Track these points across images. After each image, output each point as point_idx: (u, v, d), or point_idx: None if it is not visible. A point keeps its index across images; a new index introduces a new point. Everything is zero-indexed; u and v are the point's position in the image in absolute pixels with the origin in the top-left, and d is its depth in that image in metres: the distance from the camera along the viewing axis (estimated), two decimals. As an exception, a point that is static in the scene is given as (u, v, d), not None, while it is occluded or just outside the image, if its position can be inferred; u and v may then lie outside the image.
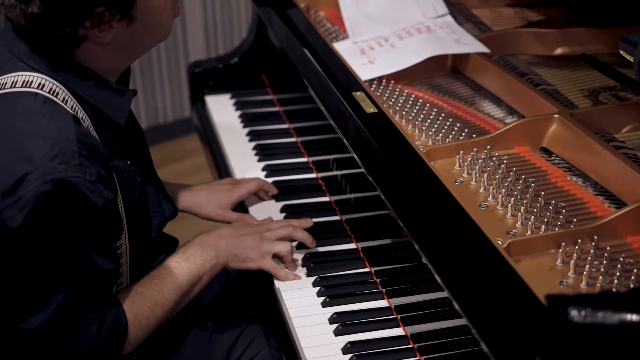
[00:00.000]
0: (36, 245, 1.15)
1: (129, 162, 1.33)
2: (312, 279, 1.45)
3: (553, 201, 1.29)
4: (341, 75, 1.63)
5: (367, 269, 1.47)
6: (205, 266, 1.38)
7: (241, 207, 1.68)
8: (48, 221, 1.15)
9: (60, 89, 1.22)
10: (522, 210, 1.27)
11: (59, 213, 1.15)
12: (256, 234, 1.44)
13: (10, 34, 1.25)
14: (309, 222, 1.52)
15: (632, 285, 1.12)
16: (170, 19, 1.29)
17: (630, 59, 1.36)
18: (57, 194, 1.14)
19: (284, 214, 1.64)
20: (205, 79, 2.17)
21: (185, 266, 1.36)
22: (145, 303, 1.29)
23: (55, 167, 1.14)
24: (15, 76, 1.21)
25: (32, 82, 1.21)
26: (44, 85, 1.21)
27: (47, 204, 1.14)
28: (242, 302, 1.59)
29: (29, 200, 1.13)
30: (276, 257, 1.45)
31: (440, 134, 1.50)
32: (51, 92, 1.21)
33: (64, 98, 1.21)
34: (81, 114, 1.23)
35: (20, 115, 1.18)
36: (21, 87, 1.20)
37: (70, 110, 1.21)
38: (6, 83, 1.21)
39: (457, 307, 1.10)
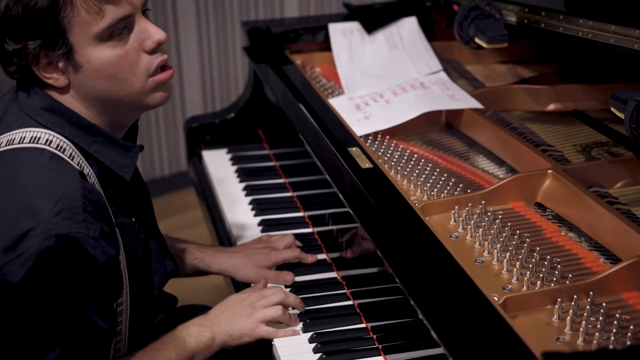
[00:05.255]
0: (35, 301, 1.15)
1: (133, 219, 1.33)
2: (309, 335, 1.44)
3: (548, 257, 1.29)
4: (337, 131, 1.65)
5: (363, 325, 1.46)
6: (200, 346, 1.37)
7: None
8: (48, 277, 1.14)
9: (67, 145, 1.23)
10: (517, 266, 1.27)
11: (60, 269, 1.15)
12: (248, 306, 1.43)
13: (21, 94, 1.27)
14: (300, 306, 1.50)
15: (629, 342, 1.12)
16: (140, 78, 1.24)
17: (621, 115, 1.38)
18: (59, 249, 1.14)
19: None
20: (202, 134, 2.19)
21: (180, 344, 1.35)
22: None
23: (59, 223, 1.14)
24: (23, 132, 1.23)
25: (39, 138, 1.22)
26: (51, 141, 1.22)
27: (49, 259, 1.13)
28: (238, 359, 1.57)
29: (31, 256, 1.13)
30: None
31: (435, 189, 1.51)
32: (58, 148, 1.22)
33: (70, 154, 1.23)
34: (87, 169, 1.24)
35: (27, 170, 1.19)
36: (29, 142, 1.21)
37: (76, 166, 1.22)
38: (14, 139, 1.22)
39: (453, 364, 1.10)
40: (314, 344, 1.41)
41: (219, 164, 2.10)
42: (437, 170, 1.58)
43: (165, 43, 1.27)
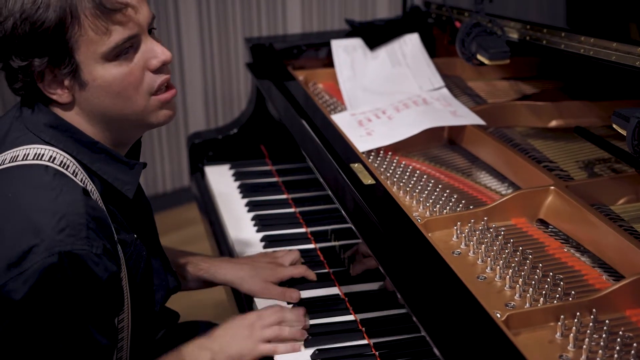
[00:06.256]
0: (37, 317, 1.15)
1: (135, 236, 1.33)
2: (311, 351, 1.43)
3: (551, 273, 1.29)
4: (339, 147, 1.65)
5: (365, 341, 1.46)
6: None
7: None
8: (51, 294, 1.14)
9: (70, 161, 1.24)
10: (520, 283, 1.27)
11: (62, 286, 1.15)
12: (247, 327, 1.43)
13: (26, 112, 1.27)
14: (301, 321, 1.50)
15: (632, 360, 1.11)
16: (143, 96, 1.25)
17: (623, 132, 1.38)
18: (62, 266, 1.14)
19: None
20: (205, 149, 2.20)
21: None
22: None
23: (62, 240, 1.14)
24: (27, 149, 1.23)
25: (43, 154, 1.22)
26: (55, 158, 1.22)
27: (52, 276, 1.14)
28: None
29: (33, 273, 1.13)
30: None
31: (438, 205, 1.51)
32: (62, 165, 1.22)
33: (74, 171, 1.23)
34: (90, 186, 1.25)
35: (31, 188, 1.19)
36: (33, 159, 1.22)
37: (80, 183, 1.22)
38: (18, 155, 1.23)
39: (456, 381, 1.09)
40: (316, 361, 1.41)
41: (221, 180, 2.10)
42: (440, 186, 1.59)
43: (170, 63, 1.28)
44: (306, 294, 1.59)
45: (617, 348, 1.12)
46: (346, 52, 2.13)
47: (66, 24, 1.17)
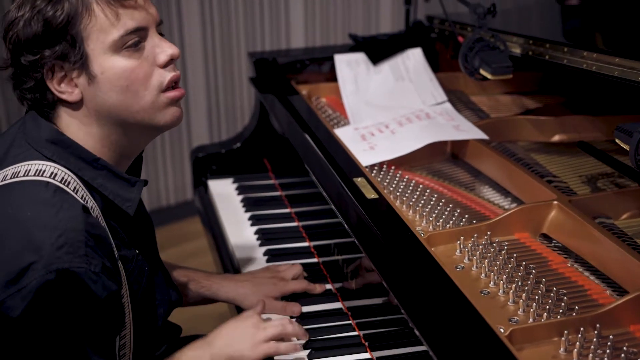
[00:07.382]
0: (34, 335, 1.14)
1: (137, 251, 1.33)
2: (313, 366, 1.43)
3: (554, 288, 1.28)
4: (342, 161, 1.65)
5: (368, 356, 1.45)
6: None
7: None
8: (48, 311, 1.14)
9: (71, 178, 1.24)
10: (523, 297, 1.27)
11: (60, 303, 1.14)
12: (251, 327, 1.43)
13: (28, 126, 1.28)
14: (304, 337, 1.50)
15: (636, 375, 1.11)
16: (152, 92, 1.26)
17: (626, 147, 1.38)
18: (60, 283, 1.13)
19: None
20: (208, 163, 2.20)
21: None
22: None
23: (60, 257, 1.14)
24: (28, 165, 1.23)
25: (44, 170, 1.22)
26: (56, 174, 1.22)
27: (49, 293, 1.13)
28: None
29: (31, 290, 1.12)
30: None
31: (441, 220, 1.51)
32: (63, 182, 1.22)
33: (74, 187, 1.23)
34: (91, 203, 1.24)
35: (31, 204, 1.19)
36: (34, 175, 1.22)
37: (80, 200, 1.22)
38: (20, 171, 1.23)
39: (459, 396, 1.09)
40: (318, 375, 1.40)
41: (224, 194, 2.11)
42: (443, 200, 1.59)
43: (178, 58, 1.29)
44: (309, 308, 1.59)
45: (621, 364, 1.12)
46: (349, 66, 2.14)
47: (77, 13, 1.20)
